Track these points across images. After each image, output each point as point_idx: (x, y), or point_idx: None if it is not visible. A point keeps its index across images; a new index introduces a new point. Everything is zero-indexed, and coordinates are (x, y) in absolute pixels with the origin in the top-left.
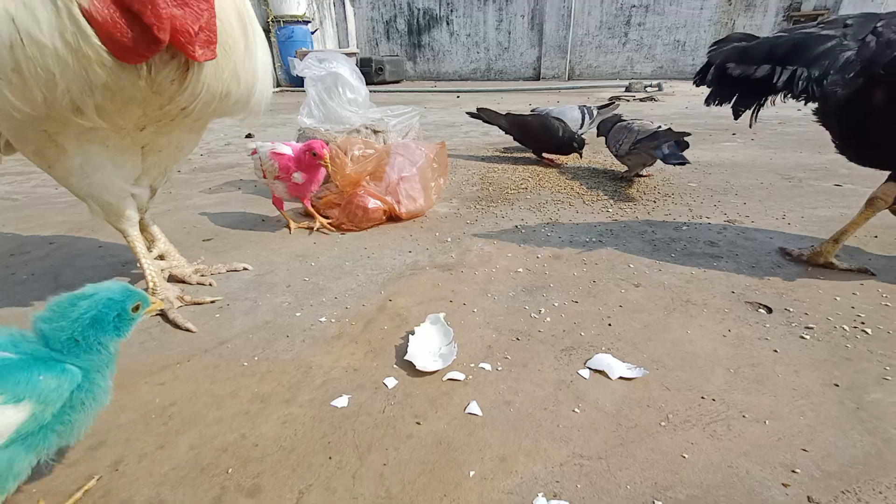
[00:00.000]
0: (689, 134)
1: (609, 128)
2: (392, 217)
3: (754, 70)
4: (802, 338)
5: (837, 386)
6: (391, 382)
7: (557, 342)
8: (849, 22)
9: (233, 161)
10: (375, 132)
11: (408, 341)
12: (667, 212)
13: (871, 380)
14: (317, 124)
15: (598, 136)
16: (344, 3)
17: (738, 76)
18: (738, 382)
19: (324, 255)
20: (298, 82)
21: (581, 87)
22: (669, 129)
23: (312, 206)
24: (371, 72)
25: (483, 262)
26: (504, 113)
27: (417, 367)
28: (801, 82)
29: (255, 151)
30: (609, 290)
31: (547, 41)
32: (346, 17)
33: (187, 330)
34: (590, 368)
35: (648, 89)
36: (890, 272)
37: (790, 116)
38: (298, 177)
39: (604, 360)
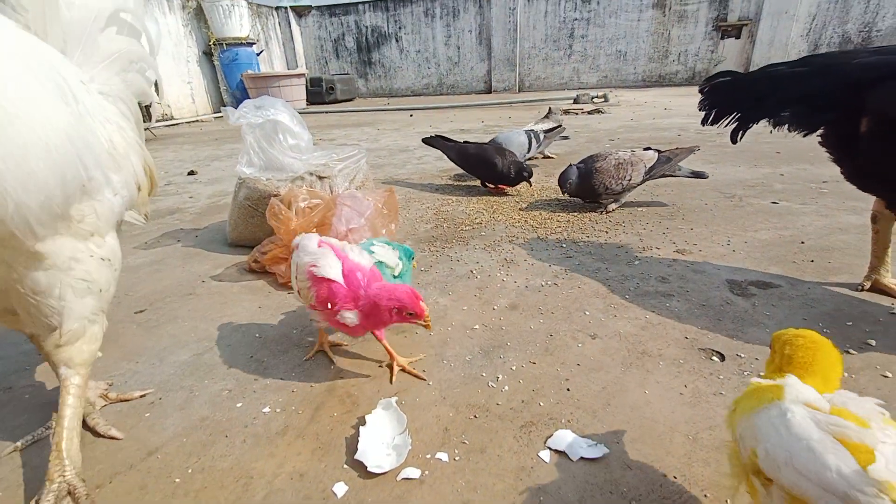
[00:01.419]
0: (698, 148)
1: (591, 171)
2: None
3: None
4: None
5: None
6: (341, 490)
7: (516, 417)
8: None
9: (173, 206)
10: (321, 178)
11: (359, 432)
12: (619, 243)
13: None
14: (257, 173)
15: (572, 191)
16: (290, 23)
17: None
18: (698, 452)
19: (269, 322)
20: None
21: (530, 102)
22: (677, 149)
23: (257, 262)
24: (322, 91)
25: (439, 318)
26: (451, 142)
27: (369, 469)
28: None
29: (294, 248)
30: (566, 344)
31: (496, 55)
32: (292, 37)
33: (111, 437)
34: (550, 449)
35: (595, 100)
36: (822, 304)
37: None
38: (352, 318)
39: (564, 439)
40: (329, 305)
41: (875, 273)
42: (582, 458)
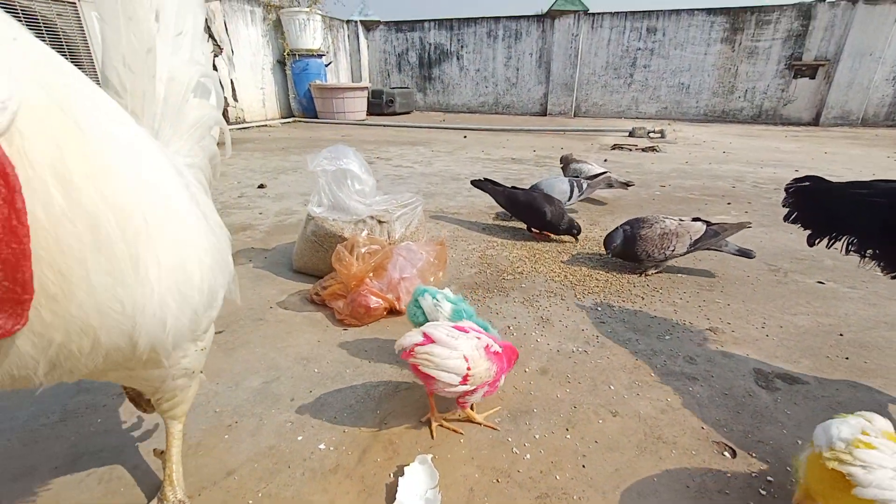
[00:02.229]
0: (750, 225)
1: (636, 237)
2: (393, 310)
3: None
4: (760, 493)
5: None
6: None
7: (534, 486)
8: None
9: (245, 221)
10: (380, 222)
11: (397, 482)
12: (652, 313)
13: None
14: (325, 213)
15: (616, 252)
16: (358, 37)
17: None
18: None
19: (326, 358)
20: (312, 111)
21: (585, 130)
22: (726, 223)
23: (318, 295)
24: (382, 103)
25: None
26: (500, 187)
27: None
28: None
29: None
30: (588, 418)
31: (554, 79)
32: (359, 49)
33: None
34: None
35: (651, 135)
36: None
37: (785, 180)
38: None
39: None
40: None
41: None
42: None
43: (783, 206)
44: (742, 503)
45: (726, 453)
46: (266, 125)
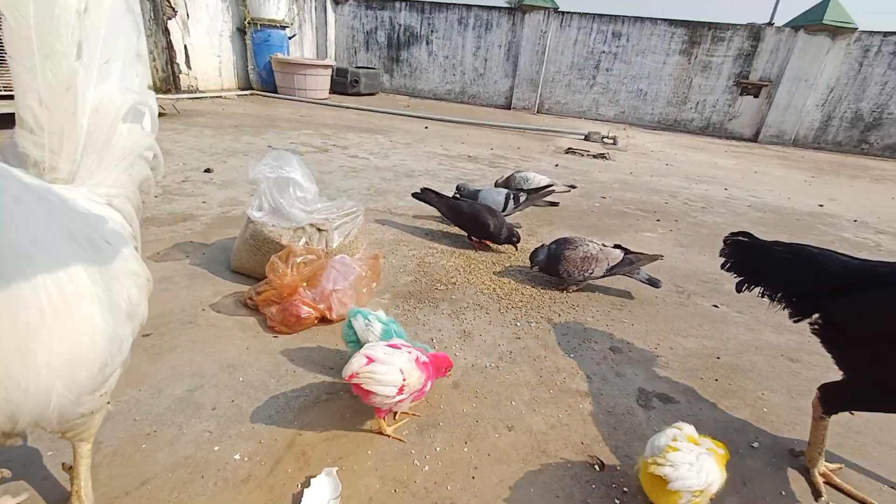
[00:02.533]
0: (661, 257)
1: (559, 257)
2: (324, 318)
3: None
4: (615, 502)
5: None
6: None
7: (427, 496)
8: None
9: (186, 210)
10: (320, 230)
11: (303, 493)
12: (565, 330)
13: None
14: (265, 218)
15: (540, 268)
16: (326, 10)
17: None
18: None
19: (253, 366)
20: (272, 85)
21: (544, 131)
22: (641, 254)
23: (251, 300)
24: (346, 83)
25: None
26: (442, 198)
27: None
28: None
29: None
30: (486, 433)
31: (520, 73)
32: (326, 23)
33: None
34: None
35: (605, 140)
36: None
37: (713, 198)
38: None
39: None
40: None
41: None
42: None
43: (720, 255)
44: None
45: (596, 466)
46: (221, 96)
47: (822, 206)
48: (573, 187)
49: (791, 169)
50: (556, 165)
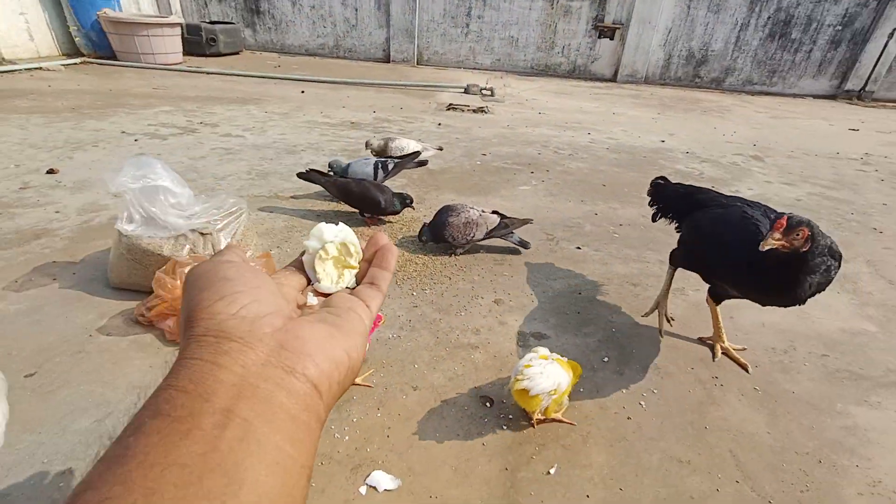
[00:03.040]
0: (531, 221)
1: (444, 223)
2: None
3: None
4: (502, 428)
5: (507, 470)
6: None
7: (349, 461)
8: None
9: (37, 224)
10: (203, 234)
11: None
12: (456, 291)
13: (525, 460)
14: (139, 230)
15: (431, 237)
16: None
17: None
18: (456, 478)
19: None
20: (108, 50)
21: (425, 86)
22: (514, 219)
23: (143, 316)
24: (202, 42)
25: None
26: (332, 179)
27: None
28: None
29: None
30: (395, 396)
31: (394, 23)
32: None
33: None
34: (367, 485)
35: (483, 92)
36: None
37: (578, 144)
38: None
39: (376, 477)
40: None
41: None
42: (385, 489)
43: (647, 194)
44: (491, 437)
45: (487, 404)
46: (41, 68)
47: (663, 141)
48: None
49: (642, 107)
50: (440, 125)
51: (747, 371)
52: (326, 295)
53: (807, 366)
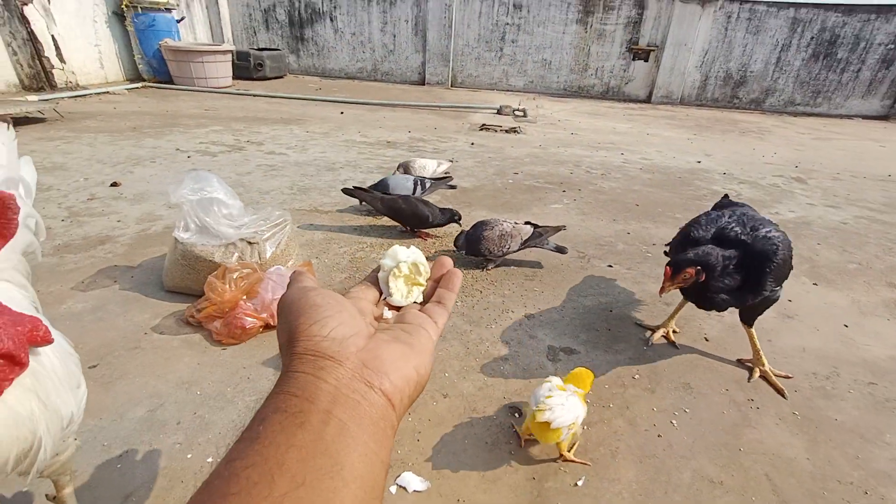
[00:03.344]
0: (564, 228)
1: (479, 238)
2: (268, 326)
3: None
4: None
5: (534, 479)
6: None
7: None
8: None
9: (102, 231)
10: (251, 244)
11: None
12: (486, 304)
13: (552, 471)
14: (193, 238)
15: (466, 250)
16: None
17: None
18: (484, 484)
19: (208, 379)
20: (166, 75)
21: (458, 107)
22: (548, 227)
23: (193, 317)
24: (250, 67)
25: None
26: (377, 196)
27: None
28: None
29: None
30: (426, 402)
31: (430, 48)
32: (217, 2)
33: None
34: (398, 485)
35: (516, 113)
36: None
37: (611, 164)
38: None
39: (406, 477)
40: None
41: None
42: (415, 490)
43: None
44: (516, 450)
45: (516, 414)
46: (109, 92)
47: (699, 162)
48: (453, 187)
49: (677, 128)
50: (472, 144)
51: (784, 396)
52: (398, 308)
53: (851, 393)
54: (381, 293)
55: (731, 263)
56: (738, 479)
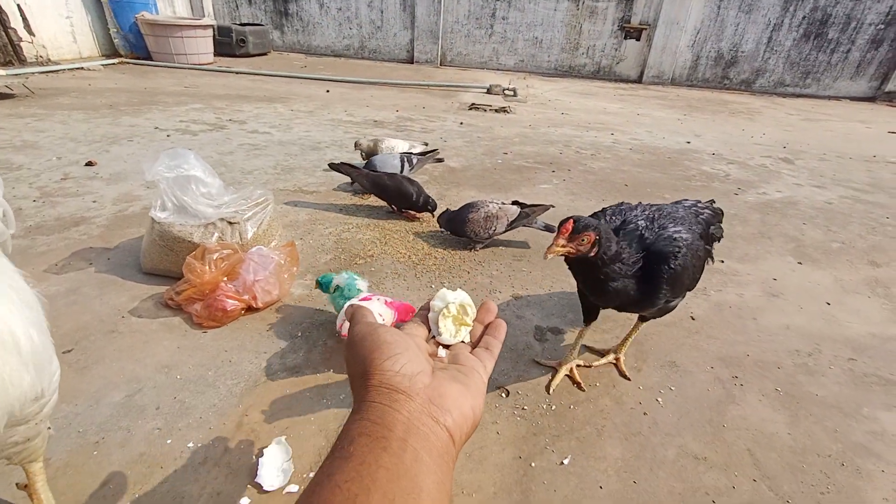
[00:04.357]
0: (553, 206)
1: (465, 219)
2: (250, 308)
3: None
4: (516, 418)
5: (520, 458)
6: (245, 502)
7: None
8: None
9: (76, 213)
10: (231, 224)
11: (258, 462)
12: (474, 285)
13: (539, 450)
14: (171, 218)
15: (449, 230)
16: None
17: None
18: (470, 464)
19: (188, 363)
20: (144, 51)
21: (448, 86)
22: (535, 206)
23: (173, 300)
24: (232, 43)
25: (324, 360)
26: (364, 172)
27: (264, 488)
28: None
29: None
30: None
31: (419, 25)
32: None
33: None
34: None
35: (506, 92)
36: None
37: (601, 144)
38: None
39: None
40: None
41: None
42: None
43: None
44: (505, 426)
45: (503, 394)
46: (83, 68)
47: (689, 142)
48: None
49: (667, 108)
50: (461, 124)
51: (627, 378)
52: (446, 346)
53: (832, 369)
54: (429, 331)
55: (624, 252)
56: (722, 455)
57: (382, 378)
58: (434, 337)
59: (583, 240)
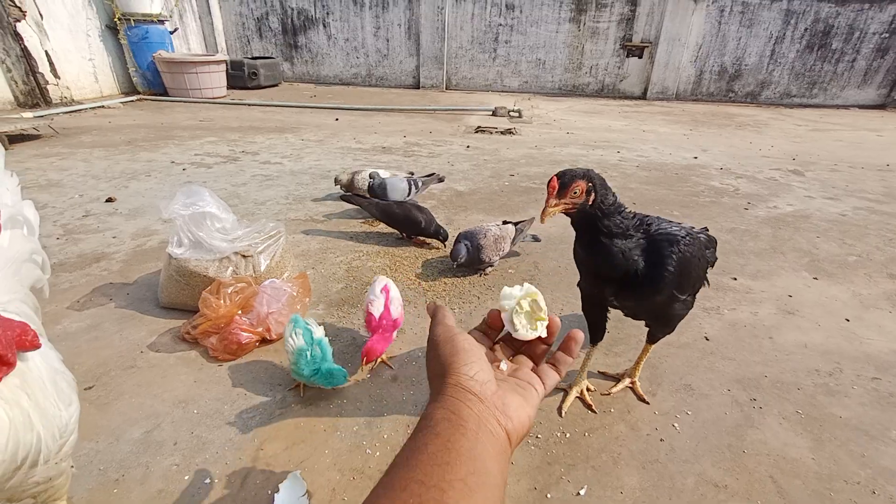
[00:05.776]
0: (534, 219)
1: (478, 247)
2: (265, 340)
3: None
4: (530, 447)
5: (536, 489)
6: None
7: (377, 476)
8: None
9: (97, 248)
10: (245, 257)
11: (273, 498)
12: (483, 311)
13: (554, 480)
14: (187, 253)
15: (459, 261)
16: None
17: None
18: None
19: (204, 397)
20: (160, 87)
21: (454, 110)
22: (523, 220)
23: (188, 333)
24: (244, 76)
25: (338, 392)
26: (373, 201)
27: None
28: None
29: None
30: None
31: (424, 52)
32: (210, 11)
33: None
34: None
35: (511, 114)
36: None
37: (607, 162)
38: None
39: None
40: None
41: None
42: None
43: None
44: (519, 455)
45: None
46: (104, 106)
47: (696, 157)
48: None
49: (673, 124)
50: (468, 147)
51: (645, 402)
52: (523, 343)
53: (855, 389)
54: (492, 340)
55: (624, 209)
56: (743, 482)
57: (459, 380)
58: (505, 335)
59: (575, 191)
